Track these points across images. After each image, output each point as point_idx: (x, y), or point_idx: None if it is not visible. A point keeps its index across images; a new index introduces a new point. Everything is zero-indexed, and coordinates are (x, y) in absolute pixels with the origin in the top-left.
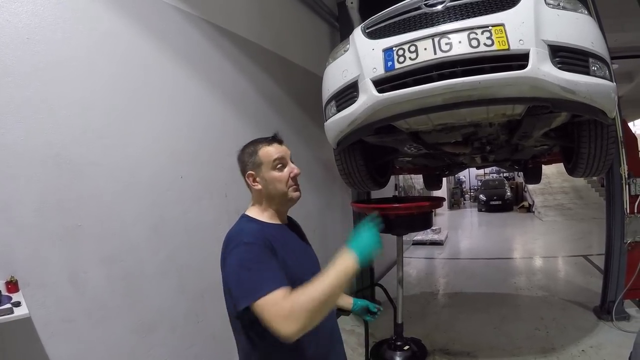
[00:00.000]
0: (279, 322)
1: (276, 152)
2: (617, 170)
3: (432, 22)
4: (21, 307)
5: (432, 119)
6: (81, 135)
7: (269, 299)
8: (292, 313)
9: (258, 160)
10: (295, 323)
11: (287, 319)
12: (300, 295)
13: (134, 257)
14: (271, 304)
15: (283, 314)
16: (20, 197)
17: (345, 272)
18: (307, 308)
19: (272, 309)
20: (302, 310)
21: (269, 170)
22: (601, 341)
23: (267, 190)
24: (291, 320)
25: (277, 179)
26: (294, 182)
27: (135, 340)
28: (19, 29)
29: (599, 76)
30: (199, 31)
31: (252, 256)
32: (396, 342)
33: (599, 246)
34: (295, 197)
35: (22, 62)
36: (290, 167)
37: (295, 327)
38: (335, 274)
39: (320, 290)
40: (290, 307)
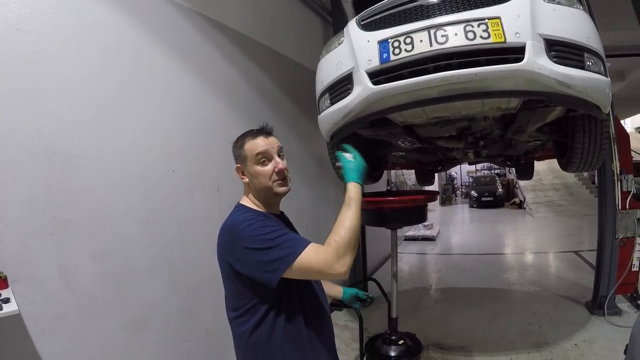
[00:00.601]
0: (332, 266)
1: (260, 146)
2: (609, 167)
3: (428, 14)
4: (10, 304)
5: (427, 112)
6: (71, 127)
7: (310, 253)
8: (338, 253)
9: (243, 154)
10: (345, 259)
11: (337, 260)
12: (334, 235)
13: (125, 252)
14: (315, 255)
15: (332, 258)
16: (9, 190)
17: (357, 197)
18: (347, 242)
19: (319, 259)
20: (345, 246)
21: (253, 165)
22: (593, 336)
23: (252, 184)
24: (341, 258)
25: (261, 174)
26: (279, 177)
27: (128, 337)
28: (8, 19)
29: (594, 71)
30: (191, 23)
31: (267, 230)
32: (391, 337)
33: (590, 242)
34: (280, 191)
35: (11, 53)
36: (275, 161)
37: (346, 263)
38: (350, 202)
39: (352, 221)
40: (336, 249)
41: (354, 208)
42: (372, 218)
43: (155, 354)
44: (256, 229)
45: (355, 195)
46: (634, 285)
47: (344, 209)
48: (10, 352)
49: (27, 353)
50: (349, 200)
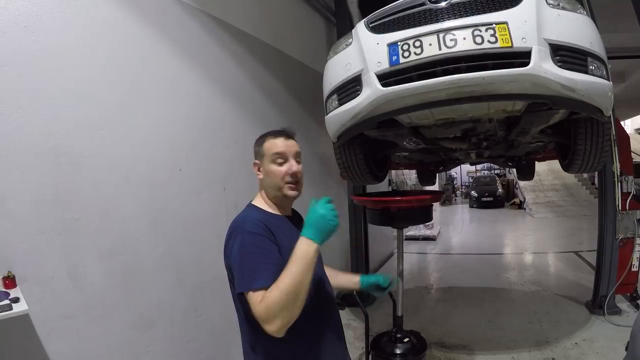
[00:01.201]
0: (264, 323)
1: (279, 147)
2: (610, 168)
3: (436, 18)
4: (20, 303)
5: (434, 114)
6: (79, 126)
7: (256, 298)
8: (268, 314)
9: (262, 151)
10: (275, 321)
11: (267, 320)
12: (270, 293)
13: (133, 251)
14: (256, 303)
15: (263, 316)
16: (17, 189)
17: (304, 257)
18: (280, 304)
19: (256, 308)
20: (276, 307)
21: (269, 163)
22: (594, 335)
23: (265, 181)
24: (270, 319)
25: (274, 172)
26: (292, 180)
27: (135, 336)
28: (16, 16)
29: (597, 75)
30: (198, 23)
31: (253, 248)
32: (396, 335)
33: (590, 242)
34: (289, 195)
35: (19, 51)
36: (289, 163)
37: (276, 324)
38: (295, 261)
39: (286, 282)
40: (266, 309)
41: (294, 269)
42: (379, 217)
43: (161, 353)
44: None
45: (302, 254)
46: (633, 285)
47: (288, 265)
48: (19, 352)
49: (35, 353)
50: (296, 257)
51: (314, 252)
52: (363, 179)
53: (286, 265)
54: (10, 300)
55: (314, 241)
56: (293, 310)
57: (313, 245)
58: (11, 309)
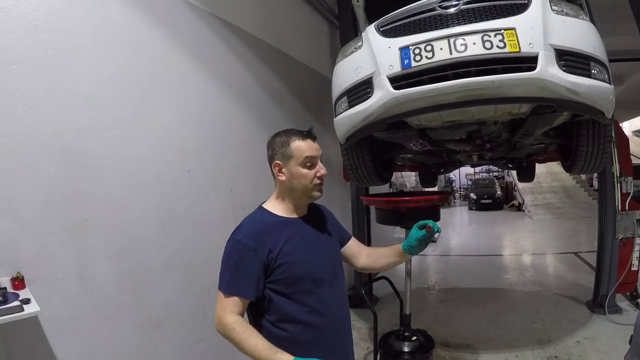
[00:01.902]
0: (216, 321)
1: (308, 150)
2: (610, 169)
3: (447, 23)
4: (31, 305)
5: (443, 116)
6: (90, 127)
7: (225, 300)
8: (224, 328)
9: (289, 153)
10: (221, 331)
11: (220, 325)
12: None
13: (142, 253)
14: (222, 305)
15: (221, 321)
16: (26, 190)
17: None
18: (233, 339)
19: (221, 309)
20: (229, 336)
21: (297, 166)
22: (595, 333)
23: (290, 183)
24: (221, 328)
25: (304, 176)
26: (320, 182)
27: (143, 337)
28: (26, 14)
29: (599, 79)
30: (207, 25)
31: (236, 254)
32: (404, 333)
33: (589, 244)
34: (316, 197)
35: (29, 50)
36: (319, 166)
37: (220, 332)
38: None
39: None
40: (226, 325)
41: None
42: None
43: (169, 354)
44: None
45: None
46: (633, 285)
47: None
48: (28, 354)
49: (43, 354)
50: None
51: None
52: (370, 180)
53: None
54: (21, 302)
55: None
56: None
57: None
58: (22, 310)
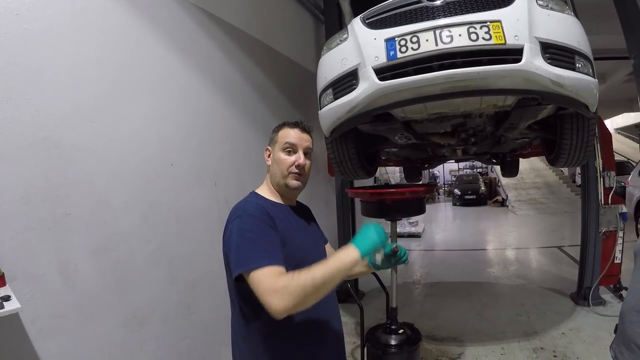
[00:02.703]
0: (272, 295)
1: (291, 137)
2: (593, 164)
3: (433, 15)
4: (12, 302)
5: (428, 108)
6: (70, 118)
7: (265, 272)
8: (286, 289)
9: (276, 138)
10: (287, 299)
11: (280, 294)
12: (298, 275)
13: (124, 247)
14: (266, 277)
15: (276, 288)
16: (6, 183)
17: (344, 261)
18: (302, 287)
19: (267, 282)
20: (297, 288)
21: (279, 151)
22: (580, 325)
23: (272, 168)
24: (284, 295)
25: (281, 161)
26: (297, 171)
27: (127, 334)
28: (8, 3)
29: (584, 72)
30: (190, 16)
31: (253, 227)
32: (391, 326)
33: (572, 238)
34: (291, 185)
35: (11, 39)
36: (298, 155)
37: (286, 302)
38: (336, 260)
39: (318, 274)
40: (286, 284)
41: (334, 265)
42: (374, 210)
43: (154, 351)
44: (243, 222)
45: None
46: (616, 277)
47: (327, 261)
48: (8, 352)
49: (25, 353)
50: (337, 256)
51: (354, 259)
52: (355, 174)
53: (325, 260)
54: (1, 299)
55: (358, 250)
56: (307, 301)
57: (355, 252)
58: (2, 307)
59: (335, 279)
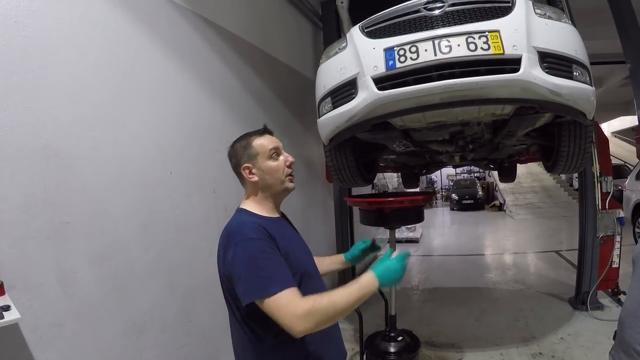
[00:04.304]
0: (293, 320)
1: (270, 143)
2: (590, 169)
3: (431, 25)
4: (11, 311)
5: (427, 117)
6: (70, 126)
7: (282, 298)
8: (309, 313)
9: (254, 152)
10: (308, 322)
11: (302, 318)
12: (321, 298)
13: (124, 256)
14: (285, 302)
15: (299, 313)
16: (5, 191)
17: (366, 290)
18: (325, 312)
19: (287, 308)
20: (320, 312)
21: (265, 160)
22: (578, 329)
23: (263, 181)
24: (307, 319)
25: (274, 168)
26: (290, 171)
27: (126, 342)
28: (6, 10)
29: (581, 81)
30: (188, 23)
31: (260, 253)
32: (390, 334)
33: (570, 242)
34: (290, 187)
35: (10, 47)
36: (284, 155)
37: (307, 325)
38: (358, 289)
39: (342, 300)
40: (309, 308)
41: (355, 294)
42: (373, 218)
43: (153, 359)
44: (248, 248)
45: (365, 285)
46: (614, 281)
47: (349, 286)
48: None
49: None
50: (359, 284)
51: (373, 290)
52: (353, 181)
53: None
54: (1, 308)
55: (378, 283)
56: (325, 324)
57: (375, 284)
58: (2, 317)
59: (354, 306)
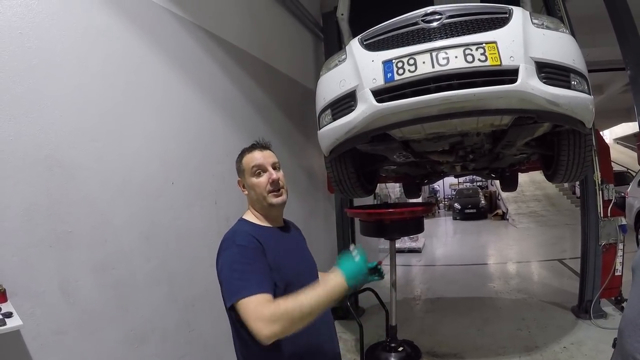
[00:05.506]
0: (257, 323)
1: (255, 159)
2: (591, 177)
3: (429, 37)
4: (13, 318)
5: (425, 128)
6: (73, 136)
7: (252, 300)
8: (273, 316)
9: (241, 168)
10: (273, 326)
11: (266, 321)
12: (286, 301)
13: (125, 265)
14: (253, 305)
15: (263, 316)
16: (8, 200)
17: (333, 290)
18: (290, 314)
19: (252, 310)
20: (284, 315)
21: (249, 177)
22: (581, 338)
23: (250, 195)
24: (270, 323)
25: (257, 185)
26: (273, 187)
27: (127, 351)
28: (11, 22)
29: (579, 90)
30: (191, 36)
31: (241, 258)
32: (390, 344)
33: (573, 250)
34: (275, 202)
35: (14, 57)
36: (268, 172)
37: (273, 329)
38: (324, 289)
39: (306, 301)
40: (273, 311)
41: (323, 295)
42: (373, 229)
43: None
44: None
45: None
46: (617, 289)
47: (316, 288)
48: None
49: None
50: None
51: (342, 291)
52: (354, 192)
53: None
54: (3, 315)
55: (347, 283)
56: (293, 327)
57: (344, 285)
58: (5, 324)
59: (322, 307)
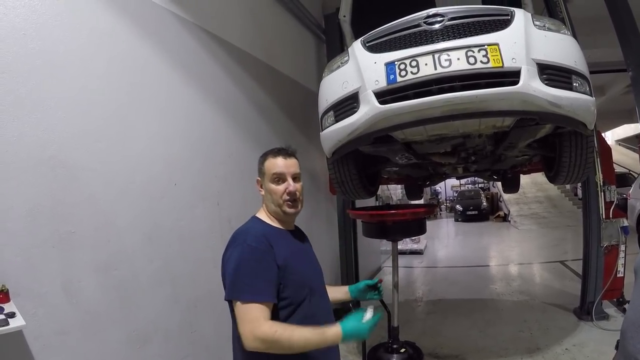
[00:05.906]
0: (249, 337)
1: (277, 167)
2: (593, 179)
3: (432, 39)
4: (16, 318)
5: (428, 130)
6: (77, 137)
7: (251, 308)
8: (265, 340)
9: (263, 170)
10: (261, 345)
11: (257, 340)
12: (281, 329)
13: (128, 266)
14: (250, 318)
15: (257, 335)
16: (12, 200)
17: (326, 340)
18: (279, 346)
19: (250, 323)
20: (273, 342)
21: (268, 182)
22: (583, 340)
23: (266, 197)
24: (260, 343)
25: (273, 192)
26: (290, 198)
27: (130, 352)
28: (15, 23)
29: (581, 92)
30: (194, 37)
31: (251, 259)
32: (392, 345)
33: (575, 252)
34: (288, 212)
35: (18, 59)
36: (287, 183)
37: (259, 347)
38: (319, 340)
39: (298, 339)
40: (268, 336)
41: (314, 342)
42: (375, 230)
43: None
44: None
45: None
46: (619, 291)
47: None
48: None
49: None
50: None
51: (335, 341)
52: (356, 194)
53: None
54: (6, 315)
55: (342, 337)
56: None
57: (339, 339)
58: (7, 324)
59: (309, 349)
